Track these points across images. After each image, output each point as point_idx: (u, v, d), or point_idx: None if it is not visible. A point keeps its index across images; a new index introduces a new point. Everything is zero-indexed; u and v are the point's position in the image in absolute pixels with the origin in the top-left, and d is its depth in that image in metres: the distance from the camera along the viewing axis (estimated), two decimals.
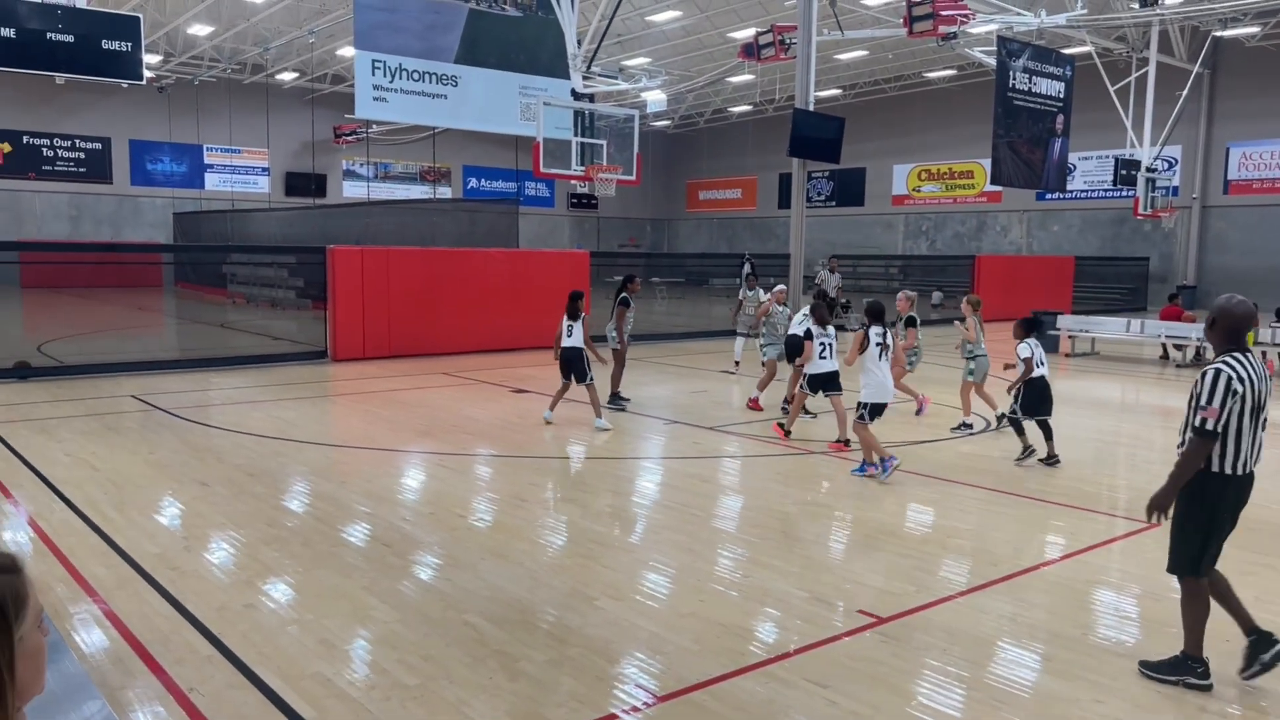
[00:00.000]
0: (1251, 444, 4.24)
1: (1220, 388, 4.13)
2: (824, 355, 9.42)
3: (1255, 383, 4.19)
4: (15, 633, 1.43)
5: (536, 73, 20.16)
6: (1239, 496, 4.32)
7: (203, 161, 40.38)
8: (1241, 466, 4.24)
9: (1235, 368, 4.16)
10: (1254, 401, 4.19)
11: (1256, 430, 4.25)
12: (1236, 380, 4.13)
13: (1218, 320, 4.29)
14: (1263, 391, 4.23)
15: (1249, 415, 4.19)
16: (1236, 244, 33.74)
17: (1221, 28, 28.72)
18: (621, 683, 4.33)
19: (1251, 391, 4.17)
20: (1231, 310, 4.26)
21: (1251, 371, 4.19)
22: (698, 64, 37.23)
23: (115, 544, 6.14)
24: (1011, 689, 4.31)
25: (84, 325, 21.81)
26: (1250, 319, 4.31)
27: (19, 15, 13.80)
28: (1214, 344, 4.35)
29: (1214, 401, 4.13)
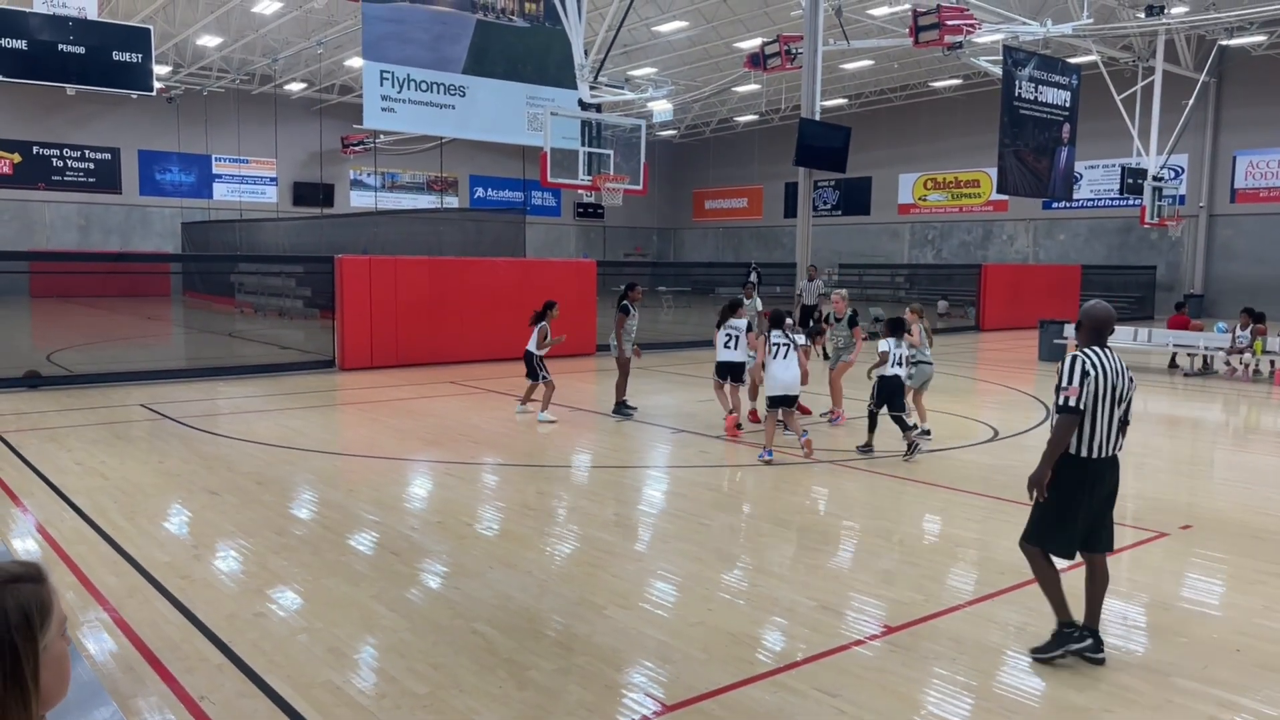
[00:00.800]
0: (1107, 431, 4.66)
1: (1076, 371, 4.60)
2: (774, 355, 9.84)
3: (1109, 374, 4.63)
4: (40, 641, 1.45)
5: (544, 83, 20.23)
6: (1096, 479, 4.69)
7: (211, 171, 40.59)
8: (1097, 451, 4.66)
9: (1090, 357, 4.64)
10: (1108, 392, 4.62)
11: (1112, 419, 4.67)
12: (1090, 365, 4.60)
13: (1083, 321, 4.80)
14: (1119, 385, 4.65)
15: (1103, 403, 4.61)
16: (1243, 252, 33.67)
17: (1227, 37, 28.73)
18: (630, 691, 4.33)
19: (1105, 381, 4.60)
20: (1094, 313, 4.78)
21: (1106, 364, 4.64)
22: (704, 74, 37.36)
23: (125, 552, 6.17)
24: (1020, 698, 4.31)
25: (93, 334, 21.90)
26: (1110, 319, 4.79)
27: (30, 27, 13.93)
28: (1081, 341, 4.82)
29: (1073, 382, 4.59)
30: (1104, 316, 4.77)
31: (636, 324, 11.94)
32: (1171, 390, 15.41)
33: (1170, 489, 8.64)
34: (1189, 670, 4.60)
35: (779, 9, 29.43)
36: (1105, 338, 4.76)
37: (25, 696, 1.43)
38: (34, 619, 1.45)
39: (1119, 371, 4.68)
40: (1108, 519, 4.84)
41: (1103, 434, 4.64)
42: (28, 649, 1.43)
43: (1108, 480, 4.75)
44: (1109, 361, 4.66)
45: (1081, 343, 4.81)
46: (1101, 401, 4.61)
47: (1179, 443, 11.38)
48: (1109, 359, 4.67)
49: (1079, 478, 4.65)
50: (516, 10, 19.93)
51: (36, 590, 1.47)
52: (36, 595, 1.47)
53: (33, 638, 1.44)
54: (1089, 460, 4.64)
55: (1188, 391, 15.28)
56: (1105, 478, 4.72)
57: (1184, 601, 5.64)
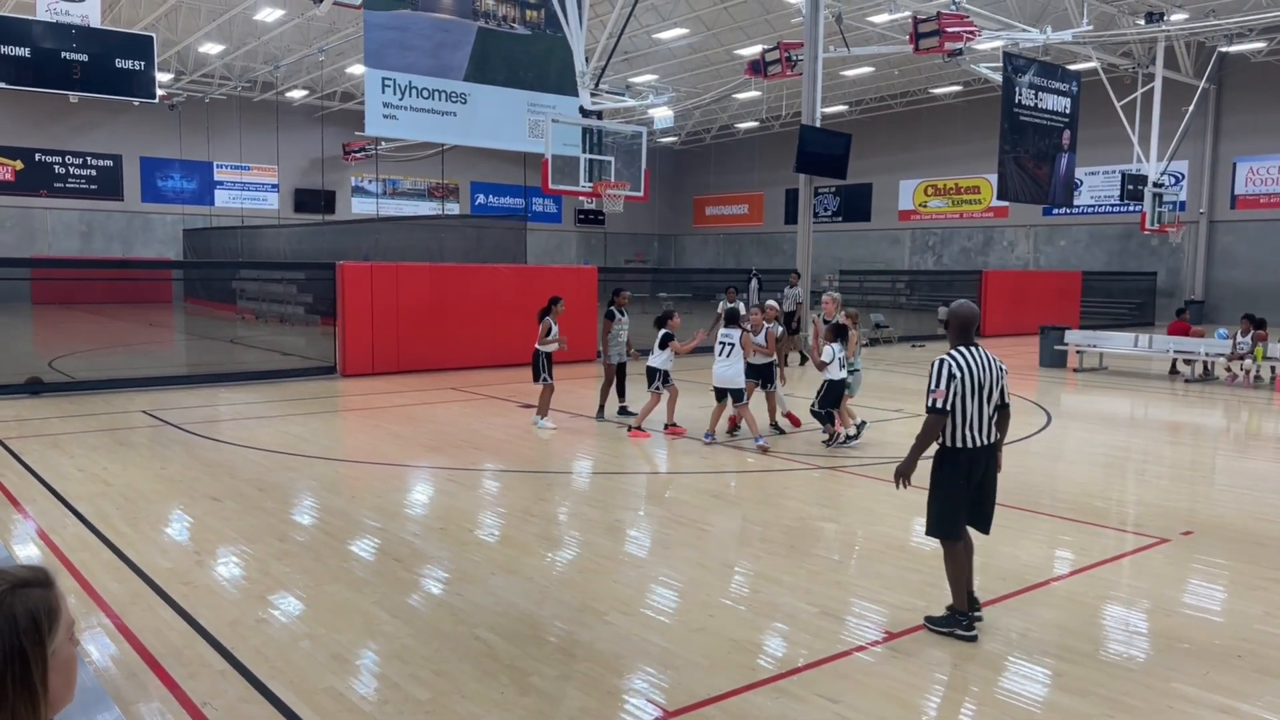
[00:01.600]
0: (979, 423, 5.05)
1: (943, 374, 4.97)
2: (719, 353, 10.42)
3: (975, 371, 5.00)
4: (49, 646, 1.46)
5: (545, 90, 20.28)
6: (971, 467, 5.08)
7: (213, 178, 40.67)
8: (970, 442, 5.05)
9: (956, 358, 5.02)
10: (976, 388, 4.99)
11: (982, 412, 5.04)
12: (956, 367, 4.97)
13: (950, 321, 5.21)
14: (986, 380, 5.03)
15: (972, 399, 5.00)
16: (1244, 258, 33.68)
17: (1227, 43, 28.79)
18: (631, 697, 4.34)
19: (971, 378, 4.98)
20: (960, 313, 5.19)
21: (972, 362, 5.03)
22: (705, 81, 37.43)
23: (128, 558, 6.18)
24: (1021, 705, 4.31)
25: (95, 341, 21.93)
26: (975, 318, 5.22)
27: (34, 34, 13.97)
28: (950, 340, 5.19)
29: (940, 385, 4.98)
30: (969, 316, 5.18)
31: (626, 329, 11.90)
32: (1172, 396, 15.41)
33: (1171, 495, 8.64)
34: (1190, 676, 4.60)
35: (779, 16, 29.50)
36: (972, 336, 5.15)
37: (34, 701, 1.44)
38: (42, 624, 1.46)
39: (985, 367, 5.05)
40: (986, 503, 5.24)
41: (974, 426, 5.03)
42: (36, 654, 1.44)
43: (982, 467, 5.14)
44: (976, 359, 5.03)
45: (951, 342, 5.17)
46: (971, 398, 4.99)
47: (1180, 449, 11.38)
48: (975, 357, 5.04)
49: (955, 467, 5.07)
50: (518, 18, 19.99)
51: (45, 595, 1.48)
52: (45, 600, 1.48)
53: (41, 642, 1.45)
54: (963, 450, 5.06)
55: (1188, 398, 15.28)
56: (980, 465, 5.11)
57: (1185, 607, 5.64)
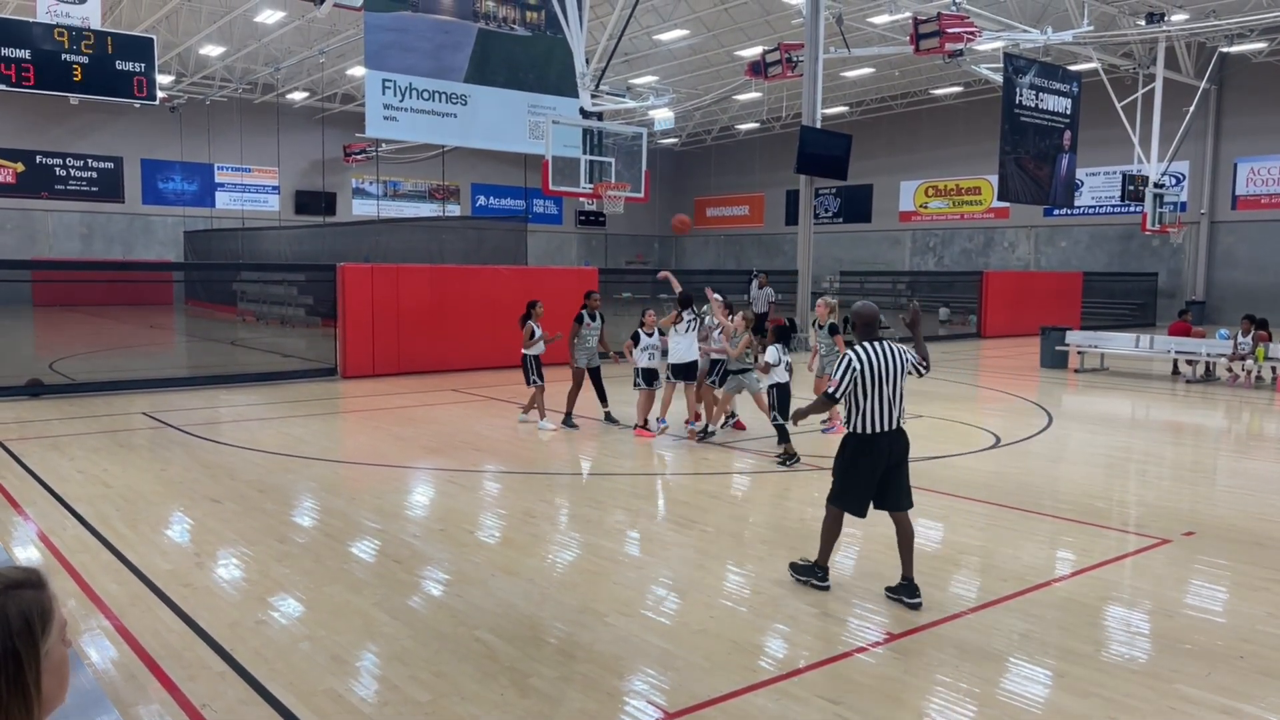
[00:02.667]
0: (881, 410, 5.52)
1: (843, 367, 5.53)
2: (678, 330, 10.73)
3: (876, 364, 5.48)
4: (41, 647, 1.46)
5: (545, 91, 20.29)
6: (875, 450, 5.54)
7: (213, 180, 40.70)
8: (874, 427, 5.53)
9: (859, 353, 5.52)
10: (877, 379, 5.47)
11: (883, 400, 5.51)
12: (856, 360, 5.49)
13: (855, 321, 5.74)
14: (887, 371, 5.50)
15: (874, 389, 5.48)
16: (1245, 259, 33.67)
17: (1228, 44, 28.79)
18: (632, 699, 4.33)
19: (872, 371, 5.46)
20: (862, 313, 5.73)
21: (875, 356, 5.51)
22: (705, 82, 37.44)
23: (127, 560, 6.17)
24: (1024, 706, 4.29)
25: (95, 343, 21.94)
26: (875, 316, 5.76)
27: (34, 37, 13.98)
28: (856, 337, 5.70)
29: (835, 375, 5.57)
30: (870, 315, 5.74)
31: (595, 333, 11.56)
32: (1173, 397, 15.39)
33: (1173, 496, 8.63)
34: (1192, 677, 4.59)
35: (780, 17, 29.51)
36: (875, 332, 5.67)
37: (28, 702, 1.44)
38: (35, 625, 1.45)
39: (887, 359, 5.52)
40: (901, 482, 5.65)
41: (877, 413, 5.51)
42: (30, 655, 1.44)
43: (888, 450, 5.55)
44: (878, 353, 5.52)
45: (856, 339, 5.69)
46: (873, 387, 5.48)
47: (1181, 449, 11.37)
48: (878, 350, 5.54)
49: (861, 450, 5.56)
50: (518, 19, 20.00)
51: (37, 596, 1.48)
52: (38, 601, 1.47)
53: (34, 643, 1.44)
54: (866, 435, 5.53)
55: (1190, 398, 15.26)
56: (885, 448, 5.54)
57: (1187, 608, 5.63)
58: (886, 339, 5.67)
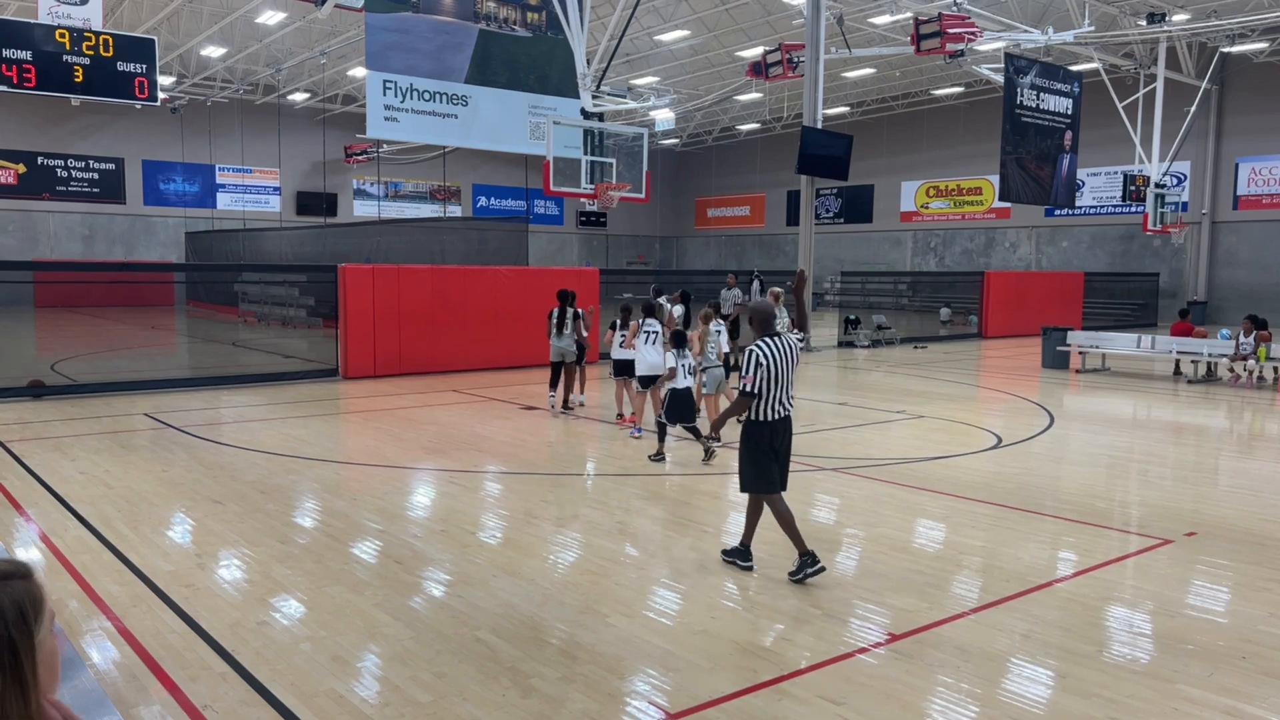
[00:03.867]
0: (779, 400, 6.02)
1: (752, 363, 5.94)
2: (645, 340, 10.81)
3: (778, 358, 5.97)
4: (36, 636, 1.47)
5: (546, 92, 20.30)
6: (773, 435, 6.05)
7: (215, 181, 40.72)
8: (771, 414, 6.02)
9: (763, 347, 5.97)
10: (777, 372, 5.97)
11: (780, 391, 6.01)
12: (763, 356, 5.95)
13: (754, 318, 6.25)
14: (784, 363, 6.00)
15: (776, 381, 5.98)
16: (1246, 259, 33.65)
17: (1229, 44, 28.76)
18: (633, 700, 4.33)
19: (775, 365, 5.96)
20: (760, 310, 6.26)
21: (774, 349, 5.98)
22: (706, 82, 37.45)
23: (129, 561, 6.17)
24: (1026, 706, 4.29)
25: (97, 344, 21.96)
26: (773, 314, 6.27)
27: (35, 38, 13.99)
28: (755, 334, 6.14)
29: (749, 372, 5.95)
30: (768, 313, 6.25)
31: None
32: (1175, 397, 15.38)
33: (1175, 496, 8.62)
34: (1195, 678, 4.58)
35: (780, 18, 29.51)
36: (772, 328, 6.14)
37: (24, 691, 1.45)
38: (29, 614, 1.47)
39: (785, 353, 6.03)
40: (786, 465, 6.21)
41: (776, 403, 6.02)
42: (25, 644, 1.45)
43: (782, 435, 6.12)
44: (778, 348, 6.01)
45: (755, 335, 6.12)
46: (775, 380, 5.98)
47: (1183, 450, 11.35)
48: (778, 345, 6.02)
49: (763, 437, 6.07)
50: (519, 20, 20.01)
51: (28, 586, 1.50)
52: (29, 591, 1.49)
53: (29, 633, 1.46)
54: (766, 423, 6.05)
55: (1191, 398, 15.25)
56: (780, 434, 6.09)
57: (1189, 609, 5.62)
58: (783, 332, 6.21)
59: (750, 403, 6.04)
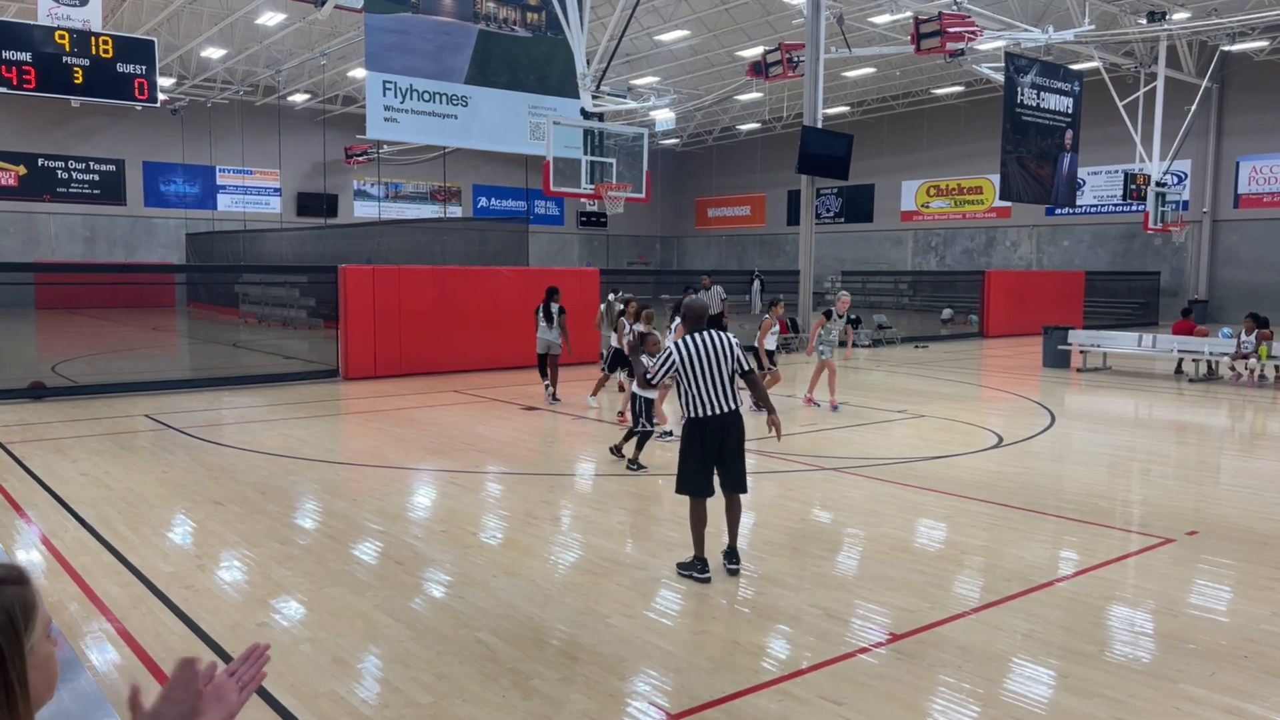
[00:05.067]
0: (711, 395, 5.94)
1: (661, 357, 6.09)
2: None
3: (700, 352, 5.92)
4: (25, 643, 1.44)
5: (546, 92, 20.29)
6: (707, 433, 5.93)
7: (215, 182, 40.72)
8: (704, 411, 5.94)
9: (681, 345, 5.98)
10: (701, 365, 5.90)
11: (713, 384, 5.93)
12: (676, 354, 5.97)
13: (684, 314, 6.25)
14: (712, 358, 5.92)
15: (701, 375, 5.92)
16: (1248, 258, 33.61)
17: (1229, 42, 28.74)
18: (634, 700, 4.32)
19: (696, 358, 5.91)
20: (691, 307, 6.19)
21: (698, 346, 5.94)
22: (706, 82, 37.43)
23: (129, 562, 6.17)
24: (1027, 706, 4.28)
25: (98, 345, 21.96)
26: (703, 311, 6.17)
27: (35, 39, 13.99)
28: (684, 329, 6.16)
29: (654, 364, 6.12)
30: (698, 310, 6.18)
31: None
32: (1177, 396, 15.36)
33: (1176, 495, 8.60)
34: (1197, 677, 4.57)
35: (780, 17, 29.50)
36: (702, 325, 6.09)
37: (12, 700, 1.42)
38: (18, 621, 1.43)
39: (711, 347, 5.94)
40: (735, 464, 6.01)
41: (708, 398, 5.92)
42: (13, 651, 1.42)
43: (720, 433, 5.92)
44: (702, 343, 5.94)
45: (684, 330, 6.15)
46: (699, 374, 5.91)
47: (1185, 448, 11.34)
48: (702, 340, 5.95)
49: (693, 433, 5.95)
50: (519, 20, 20.00)
51: (19, 592, 1.46)
52: (20, 597, 1.45)
53: (18, 640, 1.42)
54: (696, 419, 5.95)
55: (1193, 397, 15.23)
56: (717, 431, 5.92)
57: (1191, 608, 5.61)
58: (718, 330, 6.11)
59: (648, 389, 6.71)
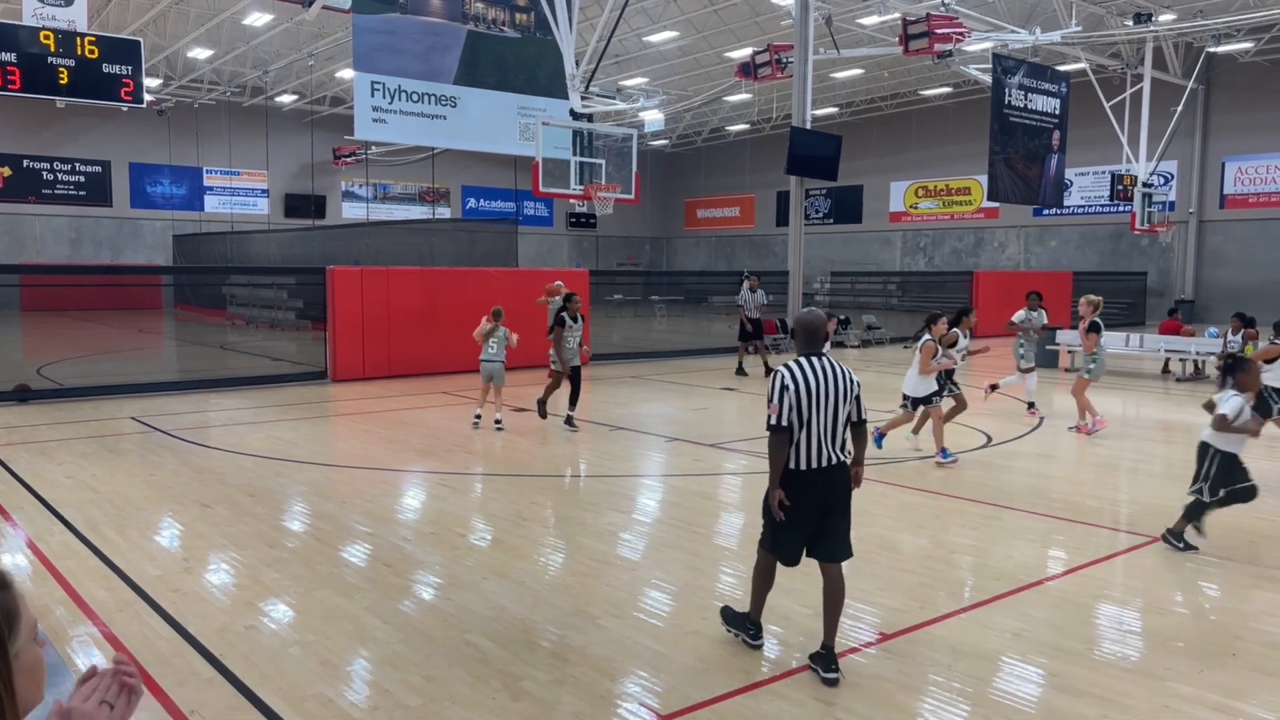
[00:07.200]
0: (819, 442, 4.55)
1: (776, 387, 4.54)
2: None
3: (815, 383, 4.53)
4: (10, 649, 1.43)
5: (535, 93, 20.25)
6: (808, 490, 4.57)
7: (202, 184, 40.53)
8: (809, 462, 4.56)
9: (792, 370, 4.55)
10: (817, 401, 4.52)
11: (821, 427, 4.54)
12: (790, 379, 4.51)
13: (795, 330, 4.80)
14: (830, 393, 4.54)
15: (812, 413, 4.51)
16: (1234, 258, 33.83)
17: (1215, 43, 28.91)
18: (625, 701, 4.31)
19: (807, 392, 4.51)
20: (802, 320, 4.76)
21: (812, 374, 4.55)
22: (695, 83, 37.45)
23: (116, 566, 6.12)
24: (1016, 705, 4.29)
25: (84, 347, 21.82)
26: (818, 327, 4.73)
27: (20, 40, 13.89)
28: (796, 350, 4.76)
29: (771, 400, 4.55)
30: (813, 327, 4.74)
31: (576, 334, 11.75)
32: (1164, 395, 15.44)
33: (1164, 494, 8.63)
34: (1185, 675, 4.59)
35: (769, 19, 29.54)
36: (818, 345, 4.72)
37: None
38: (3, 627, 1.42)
39: (828, 378, 4.56)
40: (838, 527, 4.68)
41: (816, 445, 4.54)
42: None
43: (825, 489, 4.59)
44: (817, 370, 4.56)
45: (797, 351, 4.76)
46: (813, 413, 4.52)
47: (1173, 448, 11.39)
48: (816, 367, 4.57)
49: (792, 488, 4.58)
50: (508, 21, 19.97)
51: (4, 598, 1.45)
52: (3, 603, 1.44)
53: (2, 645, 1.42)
54: (800, 473, 4.57)
55: (1180, 396, 15.31)
56: (820, 489, 4.58)
57: (1179, 606, 5.63)
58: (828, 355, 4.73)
59: (782, 439, 4.53)
